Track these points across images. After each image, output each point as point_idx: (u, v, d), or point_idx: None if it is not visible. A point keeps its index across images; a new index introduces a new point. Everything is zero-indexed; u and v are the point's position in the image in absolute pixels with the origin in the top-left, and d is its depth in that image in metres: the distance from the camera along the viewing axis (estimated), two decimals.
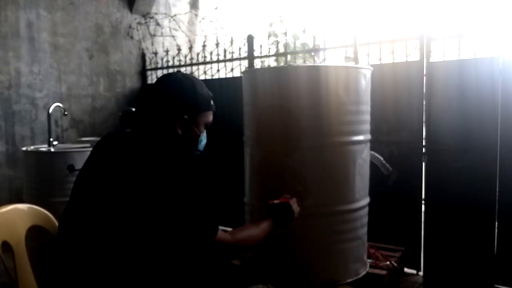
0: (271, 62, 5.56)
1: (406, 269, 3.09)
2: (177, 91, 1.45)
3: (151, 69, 5.02)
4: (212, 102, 1.53)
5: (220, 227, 1.42)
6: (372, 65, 2.56)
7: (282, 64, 4.98)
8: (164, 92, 1.47)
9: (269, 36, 4.16)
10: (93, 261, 1.30)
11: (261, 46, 3.92)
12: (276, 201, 1.73)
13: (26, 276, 1.58)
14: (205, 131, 1.55)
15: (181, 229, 1.31)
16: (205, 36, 4.54)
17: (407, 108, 3.06)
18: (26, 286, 1.57)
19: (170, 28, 5.07)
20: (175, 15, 5.08)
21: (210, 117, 1.54)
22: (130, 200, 1.28)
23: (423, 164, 3.03)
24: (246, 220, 2.27)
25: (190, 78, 1.52)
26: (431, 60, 2.97)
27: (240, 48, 4.06)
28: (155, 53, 4.88)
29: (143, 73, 5.07)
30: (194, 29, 5.56)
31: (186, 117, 1.44)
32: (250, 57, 3.98)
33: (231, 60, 4.16)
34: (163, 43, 5.07)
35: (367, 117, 2.20)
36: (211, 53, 4.31)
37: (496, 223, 2.76)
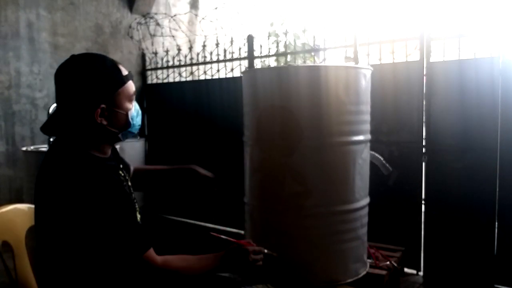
0: (271, 62, 5.56)
1: (406, 269, 3.09)
2: (79, 82, 1.26)
3: (151, 69, 5.02)
4: (124, 72, 1.33)
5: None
6: (372, 65, 2.56)
7: (282, 64, 4.98)
8: (66, 89, 1.28)
9: (269, 36, 4.16)
10: (47, 272, 1.34)
11: (261, 46, 3.92)
12: (223, 236, 1.54)
13: (26, 276, 1.58)
14: (133, 104, 1.37)
15: (109, 244, 1.25)
16: (205, 36, 4.54)
17: (407, 108, 3.05)
18: (26, 286, 1.57)
19: (170, 28, 5.07)
20: (175, 15, 5.08)
21: (130, 88, 1.34)
22: (59, 217, 1.26)
23: (423, 164, 3.03)
24: (246, 220, 2.27)
25: (88, 59, 1.30)
26: (431, 60, 2.97)
27: (240, 48, 4.06)
28: (155, 53, 4.88)
29: (143, 73, 5.07)
30: (194, 29, 5.56)
31: (103, 106, 1.27)
32: (250, 57, 3.98)
33: (231, 60, 4.16)
34: (163, 43, 5.07)
35: (367, 117, 2.20)
36: (211, 53, 4.31)
37: (496, 223, 2.76)
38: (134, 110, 1.38)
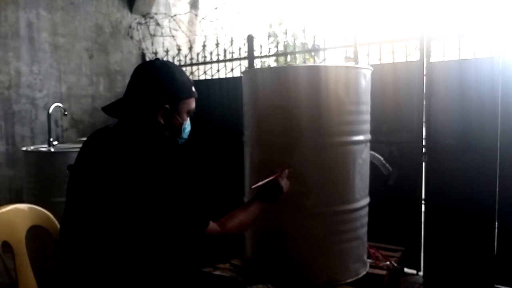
0: (271, 62, 5.56)
1: (406, 269, 3.09)
2: (156, 80, 1.42)
3: None
4: (193, 89, 1.51)
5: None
6: (372, 65, 2.56)
7: (282, 64, 4.98)
8: (143, 82, 1.44)
9: (269, 36, 4.16)
10: (91, 260, 1.31)
11: (261, 46, 3.92)
12: (261, 182, 1.69)
13: (26, 276, 1.58)
14: (188, 118, 1.53)
15: (171, 222, 1.30)
16: (205, 36, 4.54)
17: (407, 108, 3.05)
18: (26, 286, 1.57)
19: (170, 28, 5.07)
20: (175, 15, 5.08)
21: (192, 104, 1.51)
22: (120, 196, 1.28)
23: (423, 164, 3.03)
24: None
25: (168, 65, 1.48)
26: (431, 60, 2.97)
27: (240, 48, 4.06)
28: (155, 53, 4.88)
29: None
30: (194, 29, 5.56)
31: (167, 106, 1.42)
32: (250, 57, 3.97)
33: (231, 60, 4.16)
34: (163, 43, 5.06)
35: (367, 117, 2.20)
36: (211, 53, 4.31)
37: (496, 223, 2.76)
38: (188, 124, 1.54)
